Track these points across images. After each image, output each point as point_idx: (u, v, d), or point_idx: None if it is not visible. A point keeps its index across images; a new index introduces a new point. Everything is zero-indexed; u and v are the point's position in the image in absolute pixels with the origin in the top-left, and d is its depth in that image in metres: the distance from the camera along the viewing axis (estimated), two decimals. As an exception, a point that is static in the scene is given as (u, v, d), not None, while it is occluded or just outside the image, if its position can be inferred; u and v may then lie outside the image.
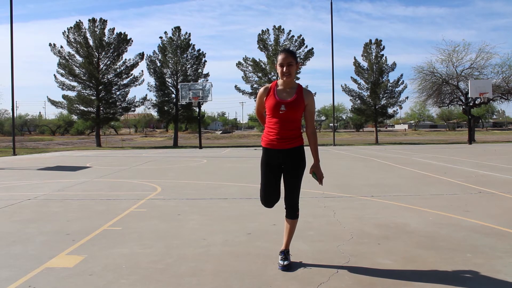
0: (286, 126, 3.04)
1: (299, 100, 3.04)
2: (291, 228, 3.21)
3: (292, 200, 3.15)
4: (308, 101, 3.08)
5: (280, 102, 3.03)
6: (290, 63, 3.01)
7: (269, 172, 3.14)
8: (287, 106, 3.02)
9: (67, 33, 32.96)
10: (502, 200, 5.89)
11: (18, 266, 3.18)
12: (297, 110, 3.04)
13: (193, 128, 74.91)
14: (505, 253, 3.37)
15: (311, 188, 7.22)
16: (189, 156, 18.24)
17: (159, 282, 2.84)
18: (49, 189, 7.56)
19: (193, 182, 8.43)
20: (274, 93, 3.09)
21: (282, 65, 3.02)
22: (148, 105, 37.19)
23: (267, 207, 3.26)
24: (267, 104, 3.10)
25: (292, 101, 3.03)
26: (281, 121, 3.04)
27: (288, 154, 3.07)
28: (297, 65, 3.07)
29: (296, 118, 3.06)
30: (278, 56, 3.07)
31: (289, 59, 3.01)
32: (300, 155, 3.11)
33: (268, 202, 3.20)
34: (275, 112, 3.05)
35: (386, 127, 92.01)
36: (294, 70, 3.04)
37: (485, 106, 59.25)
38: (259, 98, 3.20)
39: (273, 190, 3.16)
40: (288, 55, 3.02)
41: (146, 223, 4.66)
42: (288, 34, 34.74)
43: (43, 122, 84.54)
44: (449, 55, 33.27)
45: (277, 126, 3.06)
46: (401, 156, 15.74)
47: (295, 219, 3.21)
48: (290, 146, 3.06)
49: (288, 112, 3.02)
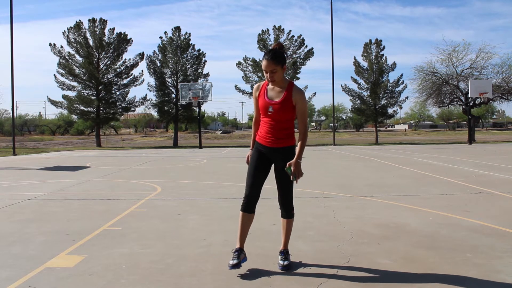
0: (277, 126, 3.02)
1: (287, 101, 2.97)
2: (287, 228, 3.19)
3: (284, 199, 3.13)
4: (297, 100, 2.99)
5: (268, 103, 3.01)
6: (273, 70, 2.91)
7: (257, 158, 3.10)
8: (274, 107, 2.98)
9: (67, 33, 32.96)
10: (502, 200, 5.89)
11: (18, 266, 3.18)
12: (286, 111, 2.99)
13: (193, 128, 74.90)
14: (505, 253, 3.37)
15: (311, 188, 7.22)
16: (189, 156, 18.24)
17: (159, 282, 2.84)
18: (49, 189, 7.56)
19: (193, 182, 8.43)
20: (265, 92, 3.06)
21: (265, 72, 2.96)
22: (148, 105, 37.28)
23: (249, 200, 3.08)
24: (259, 104, 3.08)
25: (279, 103, 2.98)
26: (271, 121, 3.03)
27: (278, 152, 3.05)
28: (283, 68, 2.95)
29: (286, 118, 3.02)
30: (262, 60, 2.99)
31: (271, 67, 2.90)
32: (290, 155, 3.05)
33: (251, 187, 3.06)
34: (264, 112, 3.05)
35: (386, 127, 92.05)
36: (278, 76, 2.95)
37: (485, 106, 59.24)
38: (254, 97, 3.18)
39: (258, 180, 3.08)
40: (270, 62, 2.90)
41: (146, 223, 4.66)
42: (288, 34, 34.79)
43: (43, 122, 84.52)
44: (449, 55, 33.32)
45: (268, 125, 3.05)
46: (401, 156, 15.74)
47: (290, 219, 3.18)
48: (280, 145, 3.04)
49: (276, 113, 2.98)
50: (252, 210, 3.13)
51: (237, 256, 3.03)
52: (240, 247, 3.09)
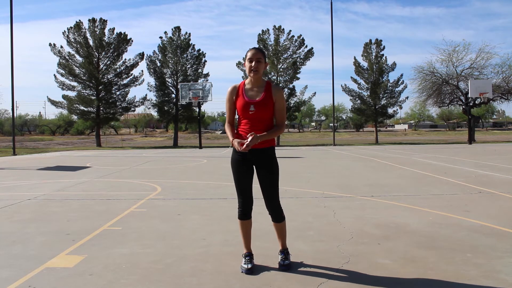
0: (257, 126, 2.99)
1: (268, 99, 3.00)
2: (281, 230, 3.18)
3: (272, 202, 3.09)
4: (276, 97, 3.02)
5: (249, 103, 2.99)
6: (259, 59, 2.99)
7: (240, 168, 3.08)
8: (256, 105, 2.98)
9: (67, 33, 32.95)
10: (502, 200, 5.89)
11: (18, 266, 3.18)
12: (267, 109, 3.00)
13: (193, 128, 74.91)
14: (505, 253, 3.37)
15: (311, 188, 7.22)
16: (189, 156, 18.24)
17: (159, 282, 2.84)
18: (49, 189, 7.56)
19: (193, 182, 8.43)
20: (243, 93, 3.04)
21: (251, 60, 2.99)
22: (148, 105, 37.21)
23: (244, 208, 3.11)
24: (237, 105, 3.05)
25: (260, 101, 2.99)
26: (251, 121, 3.00)
27: (259, 154, 3.02)
28: (265, 64, 3.05)
29: (266, 117, 3.02)
30: (247, 52, 3.04)
31: (258, 55, 2.99)
32: (270, 155, 3.05)
33: (242, 194, 3.09)
34: (245, 113, 3.01)
35: (386, 127, 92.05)
36: (262, 68, 3.01)
37: (485, 106, 59.27)
38: (228, 99, 3.10)
39: (246, 185, 3.08)
40: (257, 51, 3.01)
41: (146, 223, 4.66)
42: (288, 34, 34.74)
43: (43, 122, 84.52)
44: (449, 55, 33.30)
45: (248, 126, 3.01)
46: (401, 156, 15.74)
47: (282, 222, 3.15)
48: (261, 146, 3.00)
49: (258, 112, 2.98)
50: (249, 216, 3.17)
51: (249, 260, 3.06)
52: (248, 251, 3.15)
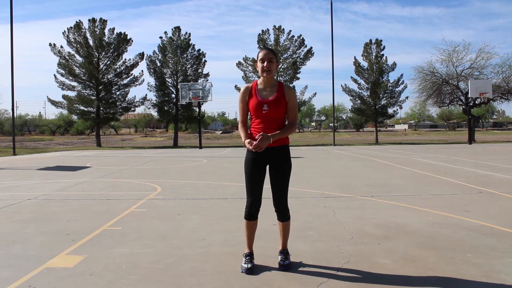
0: (270, 125, 3.01)
1: (281, 98, 3.03)
2: (285, 230, 3.20)
3: (280, 201, 3.11)
4: (289, 97, 3.06)
5: (262, 102, 3.02)
6: (271, 59, 3.02)
7: (254, 168, 3.06)
8: (269, 105, 3.01)
9: (67, 33, 32.96)
10: (502, 200, 5.89)
11: (18, 266, 3.18)
12: (280, 108, 3.03)
13: (193, 128, 74.89)
14: (505, 253, 3.37)
15: (311, 188, 7.22)
16: (189, 156, 18.24)
17: (159, 282, 2.84)
18: (49, 189, 7.56)
19: (193, 182, 8.43)
20: (256, 92, 3.07)
21: (263, 61, 3.02)
22: (148, 105, 37.22)
23: (251, 208, 3.11)
24: (250, 105, 3.07)
25: (273, 100, 3.02)
26: (264, 121, 3.03)
27: (272, 152, 3.04)
28: (277, 64, 3.08)
29: (279, 116, 3.04)
30: (259, 53, 3.08)
31: (270, 55, 3.02)
32: (285, 154, 3.08)
33: (252, 194, 3.08)
34: (258, 112, 3.03)
35: (386, 127, 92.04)
36: (274, 67, 3.04)
37: (485, 106, 59.28)
38: (241, 100, 3.12)
39: (257, 186, 3.08)
40: (269, 51, 3.05)
41: (146, 223, 4.66)
42: (288, 34, 34.76)
43: (43, 122, 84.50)
44: (449, 55, 33.32)
45: (261, 126, 3.03)
46: (401, 156, 15.74)
47: (287, 221, 3.18)
48: (275, 145, 3.02)
49: (271, 111, 3.00)
50: (256, 217, 3.18)
51: (249, 260, 3.07)
52: (250, 251, 3.16)
